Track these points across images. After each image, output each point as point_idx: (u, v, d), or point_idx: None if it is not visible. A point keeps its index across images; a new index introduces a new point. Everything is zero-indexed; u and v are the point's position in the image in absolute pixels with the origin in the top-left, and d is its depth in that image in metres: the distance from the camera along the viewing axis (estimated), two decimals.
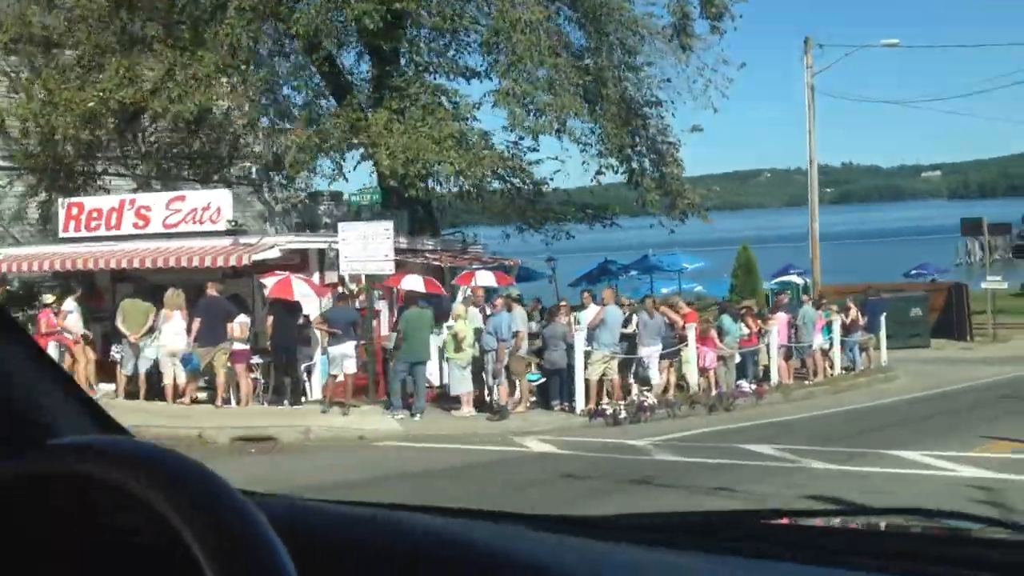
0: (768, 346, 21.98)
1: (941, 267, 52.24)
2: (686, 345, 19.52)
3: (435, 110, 18.90)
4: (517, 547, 1.16)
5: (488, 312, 17.32)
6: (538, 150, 22.60)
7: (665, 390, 19.26)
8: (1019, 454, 12.87)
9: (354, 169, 21.82)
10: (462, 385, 16.56)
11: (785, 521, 1.75)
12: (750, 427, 17.18)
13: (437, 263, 19.71)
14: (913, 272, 52.28)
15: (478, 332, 16.89)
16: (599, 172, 22.14)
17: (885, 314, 28.53)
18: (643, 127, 22.29)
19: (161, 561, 0.97)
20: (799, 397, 21.72)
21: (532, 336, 18.33)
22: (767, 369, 22.13)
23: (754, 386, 20.50)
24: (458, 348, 16.38)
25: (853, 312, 25.31)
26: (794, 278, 40.75)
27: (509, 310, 17.10)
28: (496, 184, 22.48)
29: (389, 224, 16.77)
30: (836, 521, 2.00)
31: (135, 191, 21.92)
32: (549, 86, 18.38)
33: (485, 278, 18.87)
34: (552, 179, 23.15)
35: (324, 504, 1.30)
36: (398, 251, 18.04)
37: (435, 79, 21.54)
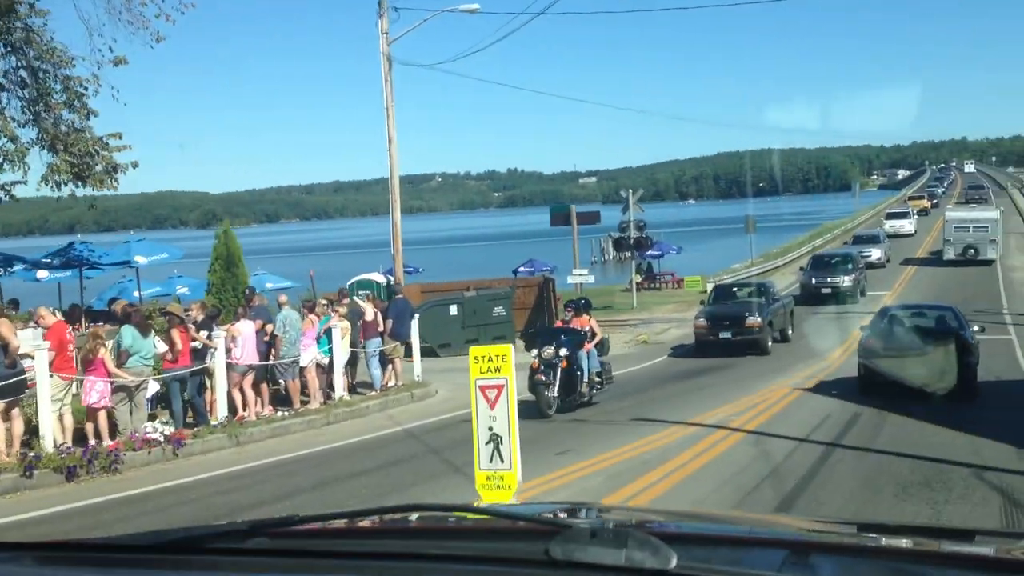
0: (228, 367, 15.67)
1: (549, 264, 49.45)
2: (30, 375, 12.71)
3: None
4: None
5: None
6: None
7: None
8: None
9: None
10: None
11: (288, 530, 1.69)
12: (82, 511, 10.81)
13: None
14: (521, 269, 49.16)
15: None
16: None
17: (419, 316, 23.55)
18: (11, 48, 14.94)
19: None
20: (259, 437, 15.61)
21: None
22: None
23: (170, 430, 14.03)
24: None
25: (370, 314, 19.62)
26: (376, 276, 35.29)
27: None
28: None
29: None
30: (333, 524, 1.91)
31: None
32: None
33: None
34: None
35: None
36: None
37: None
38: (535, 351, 16.40)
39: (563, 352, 16.28)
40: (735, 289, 29.06)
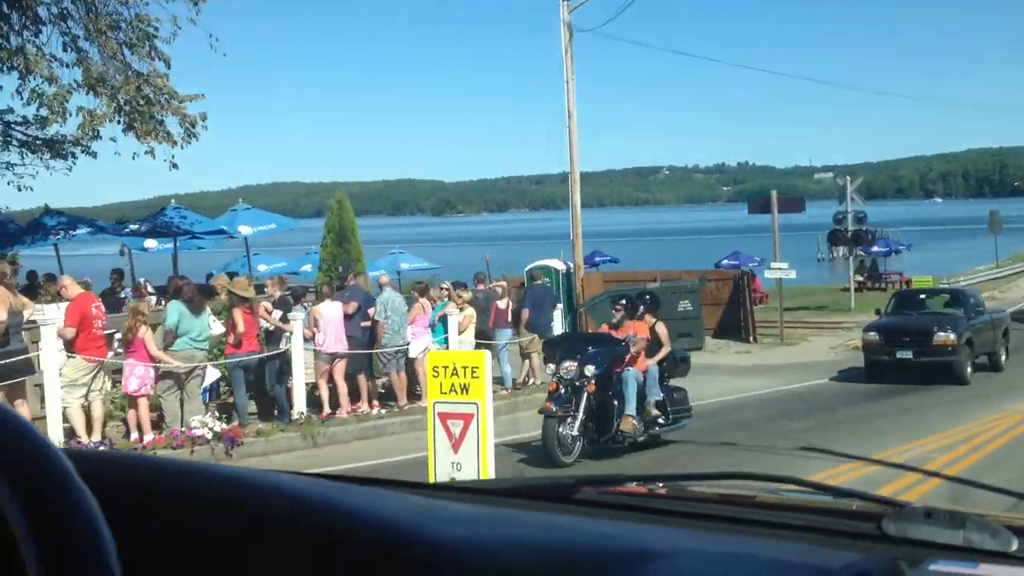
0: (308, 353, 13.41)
1: (756, 257, 45.23)
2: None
3: None
4: (340, 499, 1.09)
5: None
6: None
7: None
8: None
9: None
10: None
11: (632, 487, 1.80)
12: None
13: None
14: (724, 262, 45.34)
15: None
16: None
17: (596, 307, 20.84)
18: None
19: None
20: (343, 438, 13.31)
21: None
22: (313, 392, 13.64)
23: (223, 425, 11.85)
24: None
25: (503, 302, 16.94)
26: (554, 262, 32.61)
27: None
28: None
29: None
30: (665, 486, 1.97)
31: None
32: None
33: None
34: None
35: (140, 456, 1.23)
36: None
37: None
38: (551, 366, 11.89)
39: (590, 370, 11.34)
40: (923, 296, 22.74)
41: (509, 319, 16.92)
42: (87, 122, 13.11)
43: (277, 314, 13.17)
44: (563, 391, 11.31)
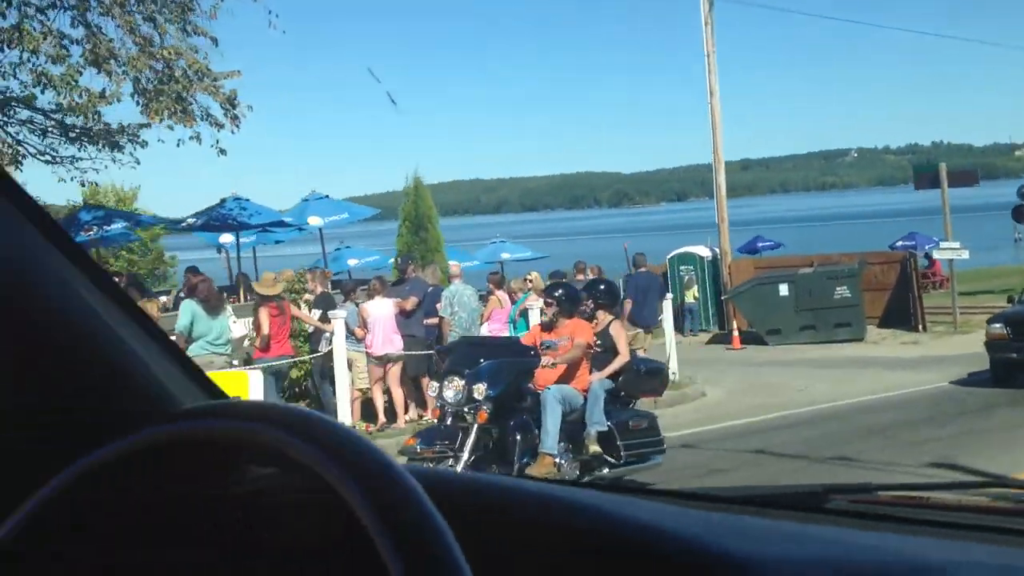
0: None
1: (934, 239, 41.07)
2: None
3: None
4: (637, 515, 1.10)
5: None
6: None
7: None
8: None
9: None
10: None
11: (896, 495, 1.73)
12: None
13: None
14: (899, 244, 41.48)
15: None
16: None
17: (743, 295, 18.84)
18: None
19: (305, 520, 0.98)
20: (393, 450, 11.75)
21: None
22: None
23: None
24: None
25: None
26: (700, 249, 30.24)
27: None
28: None
29: None
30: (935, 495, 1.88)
31: None
32: None
33: None
34: None
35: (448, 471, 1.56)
36: None
37: None
38: (435, 385, 8.81)
39: (481, 391, 7.94)
40: None
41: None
42: (87, 102, 12.03)
43: (316, 313, 11.81)
44: (447, 422, 8.19)
